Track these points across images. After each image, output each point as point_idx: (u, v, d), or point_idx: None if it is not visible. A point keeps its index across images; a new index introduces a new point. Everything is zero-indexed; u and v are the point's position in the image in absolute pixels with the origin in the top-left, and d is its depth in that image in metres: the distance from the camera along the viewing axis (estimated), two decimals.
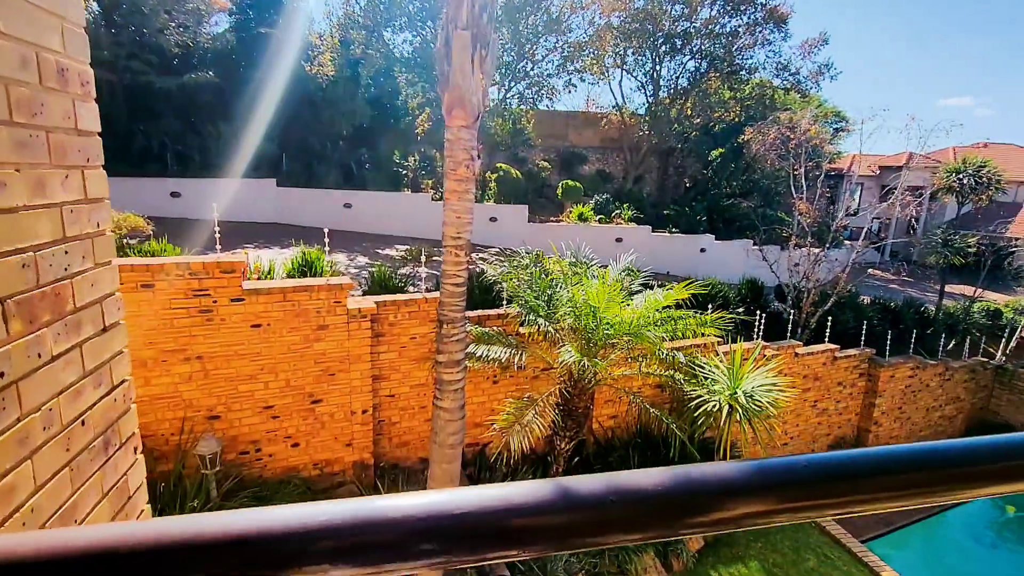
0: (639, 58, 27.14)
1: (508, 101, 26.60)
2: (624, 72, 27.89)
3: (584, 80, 28.99)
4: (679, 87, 26.98)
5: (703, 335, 7.81)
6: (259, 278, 7.83)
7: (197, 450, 5.11)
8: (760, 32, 24.33)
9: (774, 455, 7.96)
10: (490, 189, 24.09)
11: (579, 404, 6.73)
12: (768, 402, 7.37)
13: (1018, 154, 32.41)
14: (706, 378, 8.01)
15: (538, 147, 28.49)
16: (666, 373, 7.10)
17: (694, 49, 25.56)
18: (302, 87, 18.29)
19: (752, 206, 24.98)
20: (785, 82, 25.92)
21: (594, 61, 27.24)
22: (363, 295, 9.42)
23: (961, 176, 20.21)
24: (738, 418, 7.43)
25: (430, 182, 23.97)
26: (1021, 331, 15.10)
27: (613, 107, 28.98)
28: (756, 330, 10.20)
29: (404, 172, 24.07)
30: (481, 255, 18.16)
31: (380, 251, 16.82)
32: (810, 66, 24.95)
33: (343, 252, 16.10)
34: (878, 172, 31.72)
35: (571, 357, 5.75)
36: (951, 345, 14.66)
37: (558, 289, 6.82)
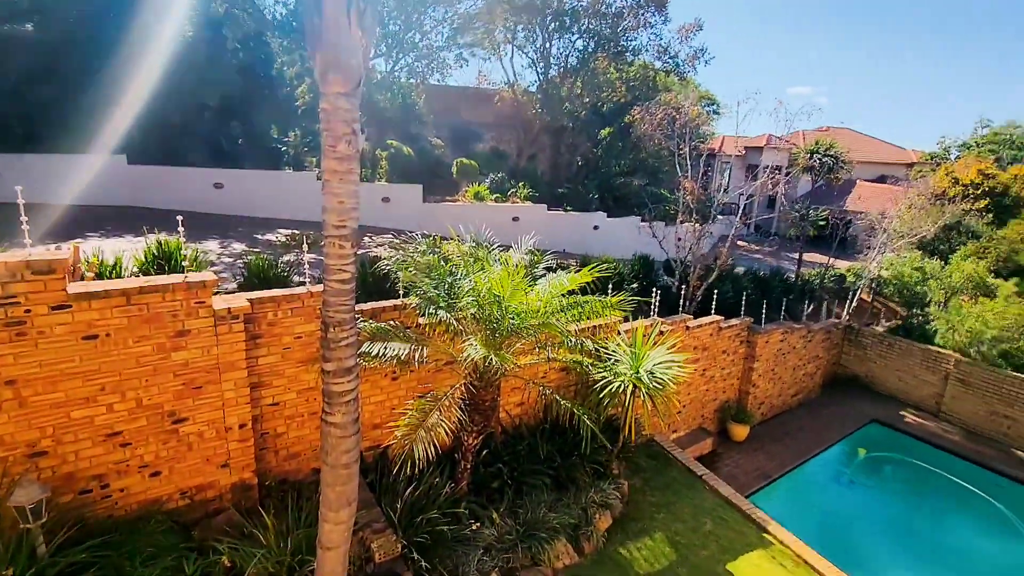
0: (529, 34, 26.95)
1: (397, 74, 25.24)
2: (515, 48, 27.59)
3: (475, 55, 28.30)
4: (569, 66, 27.24)
5: (606, 316, 7.83)
6: (98, 277, 6.52)
7: (12, 500, 4.04)
8: (643, 14, 25.14)
9: (670, 424, 8.26)
10: (381, 168, 22.81)
11: (486, 397, 6.41)
12: (668, 378, 7.58)
13: (852, 137, 37.09)
14: (609, 358, 8.08)
15: (431, 124, 27.47)
16: (572, 358, 6.99)
17: (582, 28, 25.85)
18: (153, 47, 15.75)
19: (640, 184, 26.19)
20: (666, 65, 27.16)
21: (485, 35, 26.61)
22: (238, 288, 8.31)
23: (817, 156, 22.66)
24: (641, 396, 7.58)
25: (314, 160, 22.13)
26: (860, 293, 17.27)
27: (505, 84, 28.68)
28: (652, 307, 10.53)
29: (285, 149, 21.97)
30: (374, 238, 17.12)
31: (260, 236, 15.19)
32: (687, 50, 26.33)
33: (215, 239, 14.31)
34: (744, 153, 34.77)
35: (476, 352, 5.37)
36: (810, 309, 16.44)
37: (459, 277, 6.38)
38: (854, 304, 16.68)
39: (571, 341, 6.47)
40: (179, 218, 6.10)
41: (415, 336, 6.31)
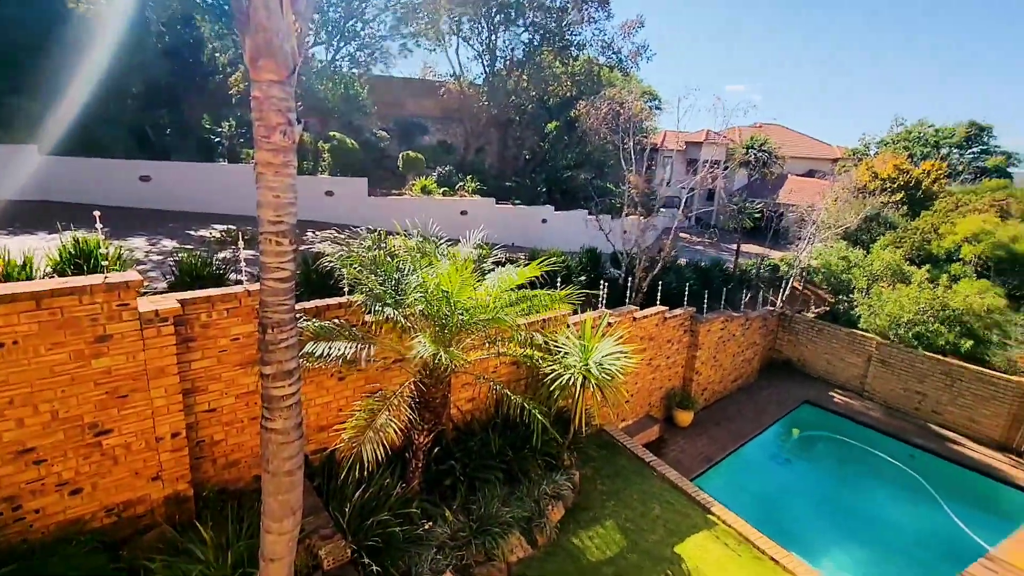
0: (475, 26, 26.70)
1: (338, 63, 24.40)
2: (461, 40, 27.28)
3: (420, 46, 27.80)
4: (515, 59, 27.19)
5: (555, 309, 7.89)
6: (6, 278, 5.93)
7: None
8: (586, 9, 25.39)
9: (619, 413, 8.43)
10: (323, 160, 22.02)
11: (436, 394, 6.32)
12: (616, 369, 7.72)
13: (783, 134, 39.04)
14: (559, 351, 8.15)
15: (375, 115, 26.72)
16: (522, 352, 7.00)
17: (527, 21, 25.84)
18: (65, 24, 14.44)
19: (587, 178, 26.57)
20: (610, 60, 27.58)
21: (429, 26, 26.16)
22: (168, 289, 7.79)
23: (752, 151, 23.73)
24: (591, 387, 7.69)
25: (251, 152, 21.06)
26: (793, 281, 18.27)
27: (451, 76, 28.32)
28: (600, 299, 10.71)
29: (219, 140, 20.80)
30: (317, 234, 16.53)
31: (193, 232, 14.33)
32: (630, 46, 26.83)
33: (142, 235, 13.39)
34: (684, 147, 35.95)
35: (425, 350, 5.26)
36: (748, 298, 17.22)
37: (406, 273, 6.23)
38: (787, 292, 17.62)
39: (521, 335, 6.47)
40: (96, 213, 5.63)
41: (361, 334, 6.13)
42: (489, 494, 7.14)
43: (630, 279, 13.37)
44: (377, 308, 5.99)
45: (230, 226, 14.73)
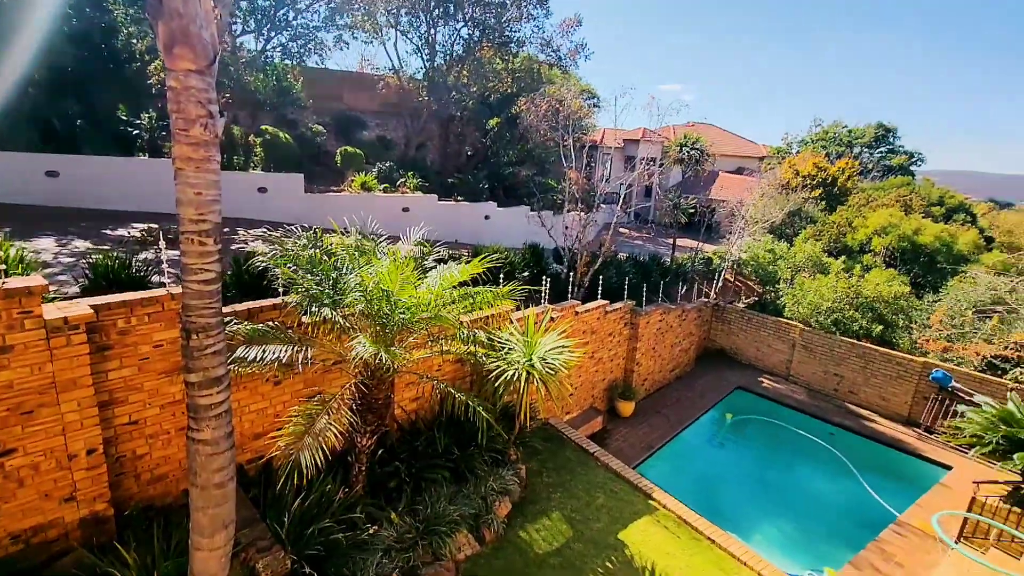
0: (413, 20, 26.24)
1: (269, 54, 23.33)
2: (399, 33, 26.72)
3: (357, 38, 27.02)
4: (455, 54, 26.96)
5: (499, 306, 7.91)
6: None
7: None
8: (525, 6, 25.53)
9: (564, 406, 8.56)
10: (256, 155, 21.01)
11: (379, 395, 6.19)
12: (560, 363, 7.85)
13: (714, 132, 40.87)
14: (503, 347, 8.18)
15: (310, 109, 25.76)
16: (465, 350, 6.97)
17: (467, 16, 25.67)
18: None
19: (529, 174, 26.77)
20: (549, 58, 27.86)
21: (365, 18, 25.47)
22: (81, 293, 7.21)
23: (686, 149, 24.69)
24: (535, 382, 7.77)
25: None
26: (725, 274, 19.18)
27: (390, 70, 27.72)
28: (543, 294, 10.83)
29: (137, 132, 19.39)
30: (250, 232, 15.78)
31: (109, 232, 13.33)
32: (569, 44, 27.22)
33: (50, 235, 12.32)
34: (623, 145, 36.94)
35: (365, 350, 5.14)
36: (684, 290, 17.94)
37: (344, 272, 6.05)
38: (720, 284, 18.49)
39: (463, 333, 6.44)
40: None
41: (298, 336, 5.91)
42: (436, 493, 7.09)
43: (572, 274, 13.60)
44: (314, 309, 5.79)
45: (152, 225, 13.84)
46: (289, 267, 5.87)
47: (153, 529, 5.06)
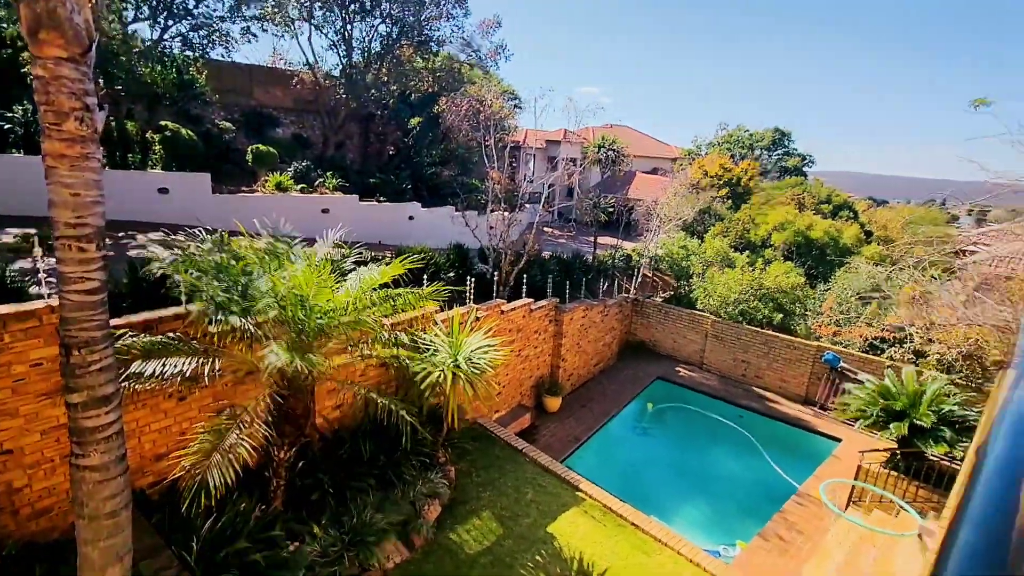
0: (328, 14, 25.30)
1: (167, 44, 21.56)
2: (313, 28, 25.66)
3: (267, 31, 25.64)
4: (373, 51, 26.29)
5: (422, 307, 7.81)
6: None
7: None
8: (444, 5, 25.37)
9: (492, 405, 8.61)
10: (155, 153, 19.35)
11: (297, 405, 5.92)
12: (486, 363, 7.87)
13: (631, 134, 42.64)
14: (428, 349, 8.09)
15: (216, 104, 24.12)
16: (389, 353, 6.82)
17: (384, 12, 25.12)
18: None
19: (452, 174, 26.64)
20: (469, 58, 27.86)
21: (276, 10, 24.24)
22: None
23: (604, 150, 25.57)
24: (461, 383, 7.75)
25: None
26: (643, 270, 20.08)
27: (305, 65, 26.55)
28: (468, 294, 10.82)
29: (10, 127, 17.25)
30: (149, 236, 14.54)
31: None
32: (488, 45, 27.35)
33: None
34: (545, 145, 37.66)
35: (279, 359, 4.89)
36: (605, 286, 18.60)
37: (255, 277, 5.73)
38: (639, 280, 19.33)
39: (385, 336, 6.30)
40: None
41: (204, 347, 5.52)
42: (362, 503, 6.89)
43: (497, 273, 13.70)
44: (220, 317, 5.43)
45: (28, 230, 12.42)
46: (192, 273, 5.47)
47: (36, 571, 4.54)
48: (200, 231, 6.06)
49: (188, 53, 21.91)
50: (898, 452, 9.38)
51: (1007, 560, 0.57)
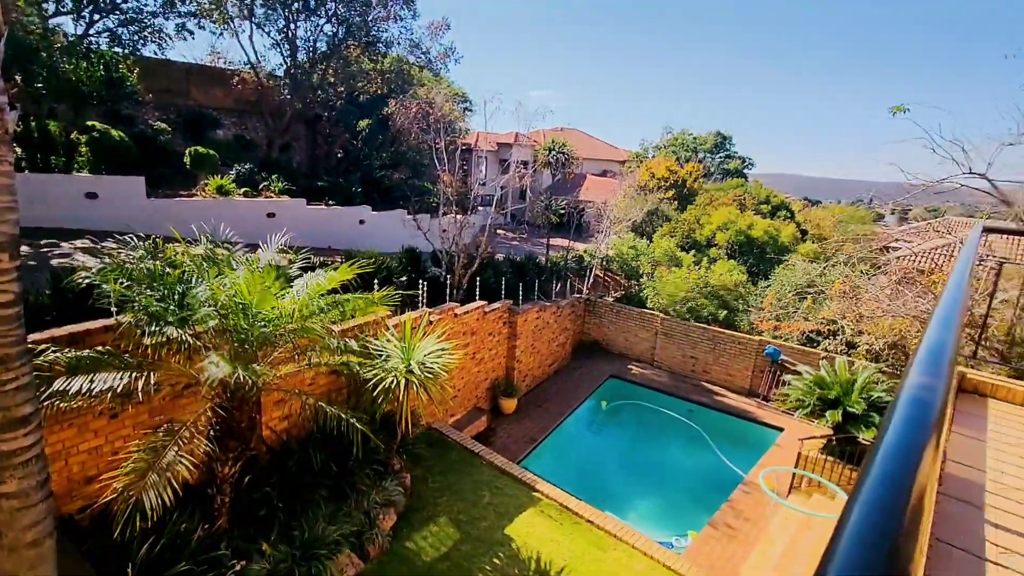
0: (270, 12, 24.52)
1: (94, 40, 20.31)
2: (255, 26, 24.79)
3: (204, 28, 24.61)
4: (318, 51, 25.67)
5: (373, 312, 7.68)
6: None
7: None
8: (392, 6, 25.07)
9: (447, 409, 8.56)
10: (81, 156, 18.15)
11: (241, 418, 5.69)
12: (440, 367, 7.82)
13: (581, 137, 43.40)
14: (380, 355, 7.96)
15: (150, 104, 22.91)
16: (339, 360, 6.66)
17: (329, 12, 24.58)
18: None
19: (403, 177, 26.32)
20: (418, 60, 27.63)
21: (214, 7, 23.30)
22: None
23: (554, 153, 25.91)
24: (415, 388, 7.66)
25: None
26: (595, 270, 20.46)
27: (246, 64, 25.61)
28: (420, 298, 10.72)
29: None
30: (75, 243, 13.64)
31: None
32: (438, 47, 27.21)
33: None
34: (497, 148, 37.81)
35: (220, 371, 4.69)
36: (558, 287, 18.83)
37: (193, 285, 5.48)
38: (591, 280, 19.68)
39: (334, 343, 6.16)
40: None
41: (138, 361, 5.23)
42: (313, 515, 6.70)
43: (450, 277, 13.63)
44: (155, 328, 5.15)
45: None
46: (122, 282, 5.17)
47: None
48: (131, 238, 5.73)
49: (117, 50, 20.75)
50: (833, 438, 9.94)
51: (892, 541, 0.61)
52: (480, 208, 23.38)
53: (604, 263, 20.91)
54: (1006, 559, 2.55)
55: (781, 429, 13.13)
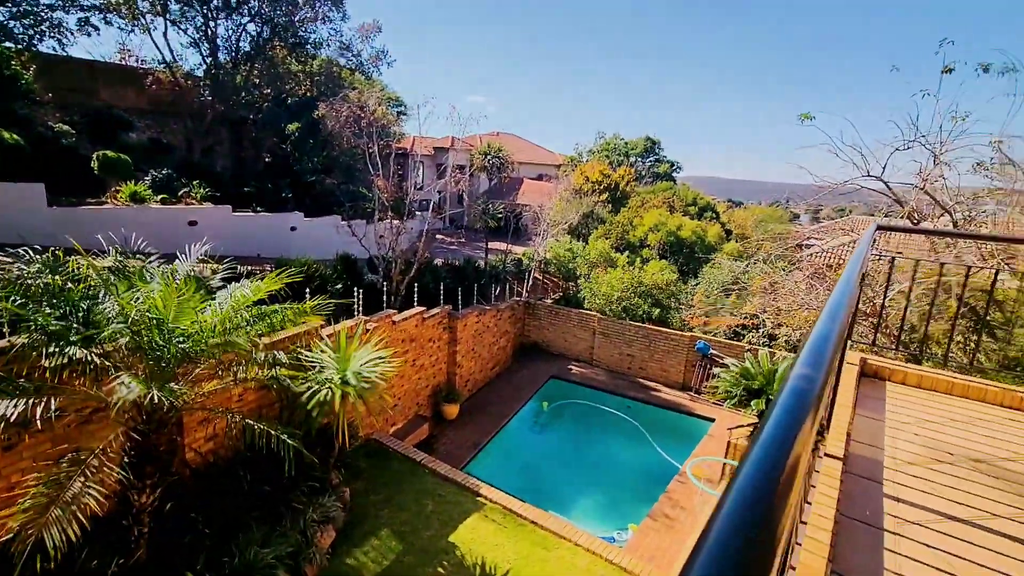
0: (186, 9, 23.19)
1: None
2: (169, 23, 23.35)
3: (111, 23, 22.92)
4: (241, 51, 24.53)
5: (304, 323, 7.41)
6: None
7: None
8: (320, 7, 24.37)
9: (387, 419, 8.39)
10: None
11: (160, 441, 5.32)
12: (377, 376, 7.64)
13: (517, 142, 43.88)
14: (313, 367, 7.68)
15: (50, 104, 21.04)
16: (267, 374, 6.37)
17: (253, 11, 23.55)
18: None
19: (336, 182, 25.59)
20: (349, 63, 27.01)
21: (122, 1, 21.75)
22: None
23: (489, 158, 26.05)
24: (352, 399, 7.45)
25: None
26: (534, 273, 20.73)
27: (161, 64, 24.05)
28: (356, 306, 10.45)
29: None
30: None
31: None
32: (370, 50, 26.71)
33: None
34: (433, 152, 37.55)
35: (131, 392, 4.36)
36: (498, 291, 18.91)
37: (100, 301, 5.07)
38: (531, 283, 19.91)
39: (262, 357, 5.89)
40: None
41: (36, 385, 4.77)
42: (245, 540, 6.35)
43: (387, 283, 13.37)
44: (55, 349, 4.72)
45: None
46: (14, 300, 4.71)
47: None
48: (25, 251, 5.23)
49: (9, 45, 18.95)
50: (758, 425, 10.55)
51: (764, 515, 0.66)
52: (418, 213, 23.11)
53: (542, 266, 21.21)
54: (902, 529, 2.80)
55: (712, 420, 13.79)
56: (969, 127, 8.46)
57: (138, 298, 5.01)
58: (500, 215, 24.64)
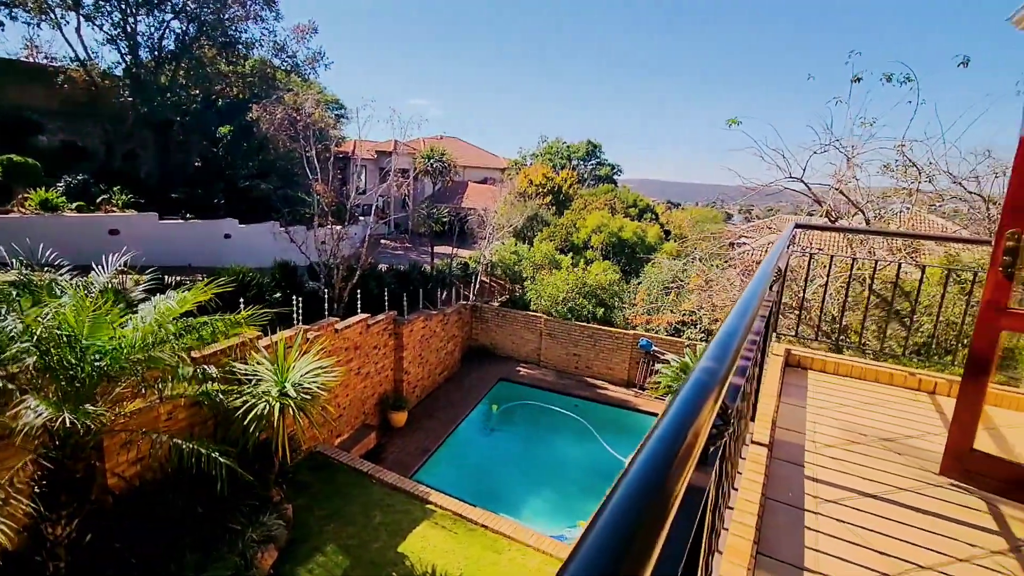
0: (102, 4, 21.70)
1: None
2: (83, 18, 21.77)
3: (16, 18, 21.15)
4: (165, 50, 23.21)
5: (239, 335, 7.10)
6: None
7: None
8: (251, 6, 23.42)
9: (332, 430, 8.14)
10: None
11: (76, 467, 4.93)
12: (318, 387, 7.41)
13: (461, 146, 43.77)
14: (250, 380, 7.36)
15: None
16: (198, 390, 6.04)
17: (177, 7, 22.34)
18: None
19: (272, 187, 24.64)
20: (284, 63, 26.11)
21: None
22: None
23: (432, 161, 25.86)
24: (292, 411, 7.19)
25: None
26: (480, 276, 20.73)
27: (74, 61, 22.38)
28: (295, 315, 10.10)
29: None
30: None
31: None
32: (306, 51, 25.92)
33: None
34: (376, 156, 36.86)
35: (40, 416, 4.03)
36: (444, 295, 18.78)
37: (1, 317, 4.65)
38: (477, 286, 19.88)
39: (190, 372, 5.59)
40: None
41: None
42: (177, 567, 5.99)
43: (329, 291, 13.01)
44: None
45: None
46: None
47: None
48: None
49: None
50: None
51: (661, 485, 0.69)
52: (360, 218, 22.59)
53: (488, 269, 21.24)
54: (820, 507, 2.99)
55: (656, 414, 14.18)
56: (877, 131, 9.18)
57: (47, 314, 4.64)
58: (445, 219, 24.49)
